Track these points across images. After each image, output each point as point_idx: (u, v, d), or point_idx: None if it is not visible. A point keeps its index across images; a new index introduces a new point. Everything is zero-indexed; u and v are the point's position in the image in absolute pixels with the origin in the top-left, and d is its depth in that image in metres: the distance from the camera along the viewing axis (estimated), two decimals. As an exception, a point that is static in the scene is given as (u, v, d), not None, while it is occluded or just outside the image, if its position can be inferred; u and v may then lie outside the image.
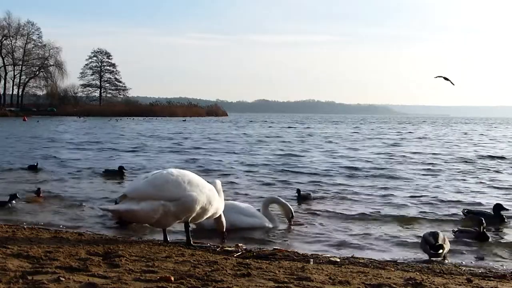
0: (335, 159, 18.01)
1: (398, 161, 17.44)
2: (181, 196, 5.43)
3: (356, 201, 9.55)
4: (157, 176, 5.55)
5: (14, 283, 3.60)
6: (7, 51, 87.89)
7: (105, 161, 16.27)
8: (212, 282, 3.81)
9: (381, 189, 11.02)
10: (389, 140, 31.00)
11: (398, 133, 41.27)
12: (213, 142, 27.39)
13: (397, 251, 6.23)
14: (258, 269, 4.38)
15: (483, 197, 10.17)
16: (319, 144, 26.61)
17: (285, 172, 13.88)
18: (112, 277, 3.85)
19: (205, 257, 4.93)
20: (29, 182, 11.40)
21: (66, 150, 20.51)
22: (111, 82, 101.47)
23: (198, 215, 5.67)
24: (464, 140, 32.29)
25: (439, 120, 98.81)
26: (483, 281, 4.50)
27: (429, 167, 15.45)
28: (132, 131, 38.09)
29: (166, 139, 28.89)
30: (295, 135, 35.97)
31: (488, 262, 5.78)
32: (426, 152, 21.35)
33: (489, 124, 74.39)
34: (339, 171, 14.23)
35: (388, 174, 13.52)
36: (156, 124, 54.91)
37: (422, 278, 4.34)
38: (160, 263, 4.43)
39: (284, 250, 5.74)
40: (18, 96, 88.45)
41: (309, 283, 3.95)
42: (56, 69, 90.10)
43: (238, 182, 11.82)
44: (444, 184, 11.91)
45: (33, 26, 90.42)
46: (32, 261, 4.34)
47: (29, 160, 15.14)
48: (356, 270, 4.67)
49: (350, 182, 12.04)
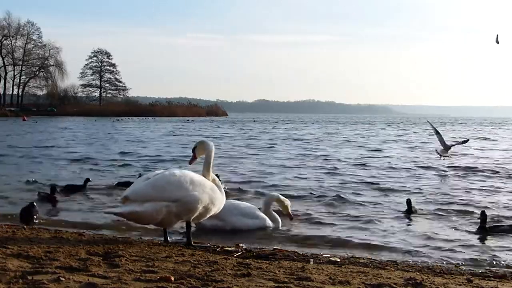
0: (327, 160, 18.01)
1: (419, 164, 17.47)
2: (184, 197, 5.43)
3: (356, 201, 9.55)
4: (159, 177, 5.54)
5: (14, 283, 3.60)
6: (7, 51, 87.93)
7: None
8: (212, 282, 3.81)
9: (381, 189, 11.03)
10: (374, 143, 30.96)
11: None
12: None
13: (397, 251, 6.23)
14: (258, 269, 4.38)
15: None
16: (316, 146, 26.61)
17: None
18: (112, 277, 3.85)
19: (205, 257, 4.92)
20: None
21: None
22: (111, 82, 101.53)
23: (201, 215, 5.68)
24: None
25: (421, 120, 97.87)
26: (483, 281, 4.50)
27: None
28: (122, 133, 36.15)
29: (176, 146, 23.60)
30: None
31: (488, 262, 5.78)
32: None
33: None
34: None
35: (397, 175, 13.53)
36: (160, 126, 51.74)
37: (422, 278, 4.34)
38: (160, 263, 4.43)
39: (284, 250, 5.74)
40: (18, 96, 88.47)
41: (309, 283, 3.95)
42: (56, 69, 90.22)
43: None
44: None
45: (33, 26, 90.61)
46: (32, 261, 4.34)
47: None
48: (356, 270, 4.67)
49: (350, 183, 12.05)
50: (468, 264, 5.65)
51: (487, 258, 5.91)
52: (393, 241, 6.66)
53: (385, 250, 6.25)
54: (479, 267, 5.50)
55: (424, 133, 41.49)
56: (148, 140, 27.59)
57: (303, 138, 31.78)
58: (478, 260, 5.85)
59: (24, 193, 9.83)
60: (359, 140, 31.20)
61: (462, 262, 5.70)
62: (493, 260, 5.83)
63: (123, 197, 5.55)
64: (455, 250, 6.22)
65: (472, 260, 5.85)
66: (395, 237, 6.84)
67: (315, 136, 35.49)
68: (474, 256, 6.01)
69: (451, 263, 5.67)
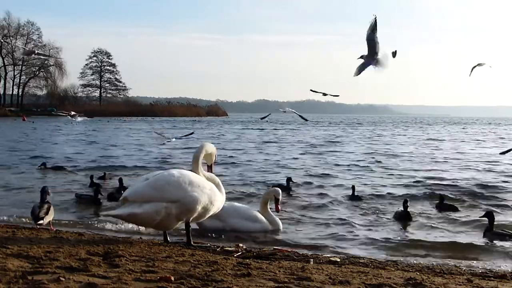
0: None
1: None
2: (183, 197, 5.42)
3: (356, 201, 9.55)
4: (158, 177, 5.53)
5: (14, 283, 3.59)
6: (7, 51, 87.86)
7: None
8: (212, 282, 3.81)
9: (381, 189, 11.03)
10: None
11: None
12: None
13: (398, 251, 6.23)
14: (258, 269, 4.38)
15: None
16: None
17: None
18: (112, 277, 3.85)
19: (205, 257, 4.92)
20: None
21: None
22: (111, 82, 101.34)
23: (200, 215, 5.66)
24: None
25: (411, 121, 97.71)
26: (483, 281, 4.49)
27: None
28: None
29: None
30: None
31: (488, 262, 5.77)
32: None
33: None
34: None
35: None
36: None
37: (422, 278, 4.34)
38: (160, 263, 4.42)
39: (284, 250, 5.74)
40: (18, 96, 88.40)
41: (309, 283, 3.94)
42: (56, 69, 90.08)
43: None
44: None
45: (33, 26, 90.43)
46: (32, 261, 4.33)
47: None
48: (356, 270, 4.67)
49: (350, 182, 12.04)
50: (468, 264, 5.65)
51: (487, 258, 5.91)
52: (394, 241, 6.66)
53: (386, 250, 6.25)
54: (479, 267, 5.50)
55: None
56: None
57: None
58: (478, 260, 5.86)
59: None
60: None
61: (462, 262, 5.70)
62: (493, 260, 5.84)
63: (122, 198, 5.54)
64: (455, 250, 6.22)
65: (472, 260, 5.85)
66: (396, 237, 6.84)
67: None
68: (474, 256, 6.01)
69: (451, 263, 5.66)
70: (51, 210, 6.27)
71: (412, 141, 30.00)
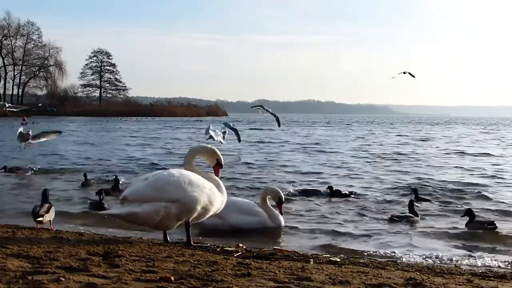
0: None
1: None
2: (182, 197, 5.42)
3: (357, 201, 9.56)
4: (158, 177, 5.53)
5: (14, 283, 3.59)
6: (7, 51, 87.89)
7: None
8: (212, 282, 3.81)
9: (381, 189, 11.03)
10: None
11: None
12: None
13: (398, 251, 6.23)
14: (258, 269, 4.38)
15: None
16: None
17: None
18: (112, 277, 3.85)
19: (205, 257, 4.92)
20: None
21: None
22: (111, 82, 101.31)
23: (200, 215, 5.65)
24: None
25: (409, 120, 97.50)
26: (483, 281, 4.49)
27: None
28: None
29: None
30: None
31: (488, 262, 5.78)
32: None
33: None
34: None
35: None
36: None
37: (422, 278, 4.34)
38: (160, 263, 4.42)
39: (284, 250, 5.74)
40: (18, 96, 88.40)
41: (309, 283, 3.94)
42: (56, 69, 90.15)
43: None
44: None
45: (33, 26, 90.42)
46: (32, 261, 4.33)
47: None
48: (356, 270, 4.66)
49: (350, 182, 12.05)
50: (468, 264, 5.66)
51: (487, 258, 5.92)
52: (394, 241, 6.67)
53: (386, 250, 6.25)
54: (479, 267, 5.50)
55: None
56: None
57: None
58: (478, 260, 5.86)
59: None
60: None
61: (462, 262, 5.71)
62: (493, 260, 5.84)
63: (122, 197, 5.53)
64: (455, 250, 6.22)
65: (472, 260, 5.85)
66: (396, 237, 6.85)
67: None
68: (474, 256, 6.02)
69: (451, 263, 5.67)
70: (52, 210, 6.29)
71: (408, 141, 30.03)
